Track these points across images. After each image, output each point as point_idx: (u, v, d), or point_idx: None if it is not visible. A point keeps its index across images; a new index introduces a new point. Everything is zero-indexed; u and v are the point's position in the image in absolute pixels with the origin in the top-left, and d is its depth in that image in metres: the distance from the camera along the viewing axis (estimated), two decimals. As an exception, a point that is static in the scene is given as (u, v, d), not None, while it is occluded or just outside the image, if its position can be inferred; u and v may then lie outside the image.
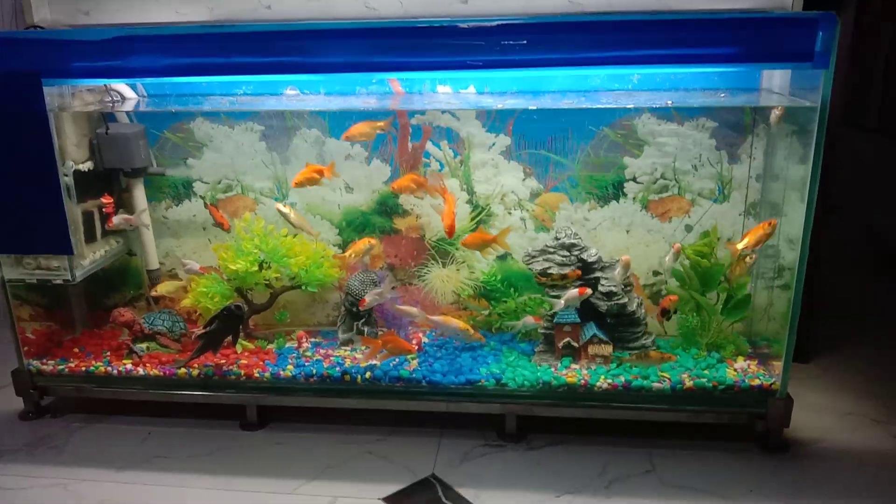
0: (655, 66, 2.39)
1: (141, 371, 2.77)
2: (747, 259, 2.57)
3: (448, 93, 2.76)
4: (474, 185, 2.91)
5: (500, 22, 2.21)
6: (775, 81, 2.65)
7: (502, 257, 2.97)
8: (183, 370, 2.74)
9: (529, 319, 2.72)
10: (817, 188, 2.30)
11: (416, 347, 2.82)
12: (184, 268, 2.92)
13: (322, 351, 2.87)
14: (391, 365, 2.71)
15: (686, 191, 2.83)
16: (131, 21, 2.91)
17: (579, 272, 2.65)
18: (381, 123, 2.69)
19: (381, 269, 2.98)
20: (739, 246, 2.52)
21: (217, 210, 2.95)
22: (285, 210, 2.73)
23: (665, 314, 2.65)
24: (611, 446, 2.57)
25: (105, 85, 2.79)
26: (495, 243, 2.72)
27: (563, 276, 2.62)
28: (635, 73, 2.64)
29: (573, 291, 2.59)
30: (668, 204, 2.85)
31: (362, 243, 2.77)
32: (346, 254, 2.77)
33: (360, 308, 2.76)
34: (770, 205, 2.75)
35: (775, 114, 2.53)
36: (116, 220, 2.84)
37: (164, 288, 2.96)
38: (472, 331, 2.74)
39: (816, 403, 2.86)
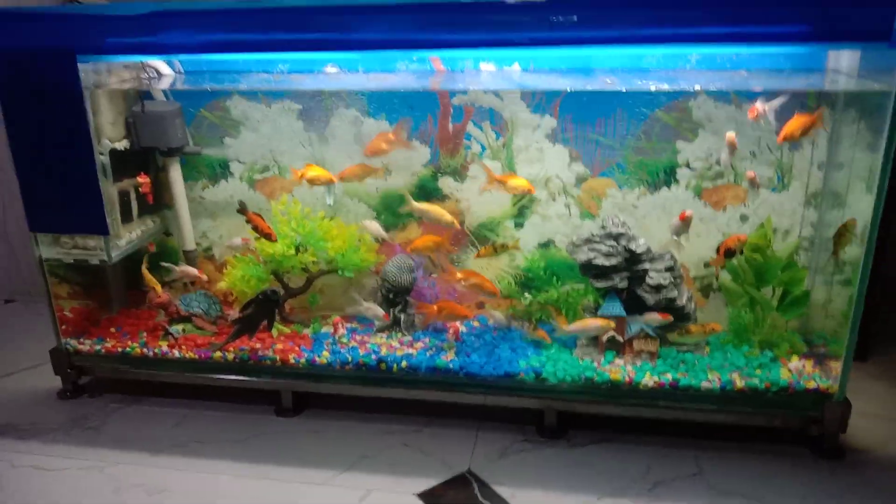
0: (714, 46, 2.25)
1: (177, 353, 2.75)
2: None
3: (492, 70, 2.64)
4: (517, 169, 2.79)
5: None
6: (843, 62, 2.46)
7: (545, 245, 2.86)
8: (218, 354, 2.71)
9: (655, 316, 2.53)
10: (888, 179, 2.14)
11: (469, 317, 2.77)
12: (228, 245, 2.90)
13: (358, 337, 2.81)
14: (427, 354, 2.64)
15: (742, 178, 2.67)
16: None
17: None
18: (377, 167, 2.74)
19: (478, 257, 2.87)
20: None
21: (261, 218, 2.74)
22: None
23: (730, 255, 2.46)
24: (656, 446, 2.46)
25: (141, 61, 2.73)
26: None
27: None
28: (693, 52, 2.47)
29: (675, 220, 2.47)
30: (722, 192, 2.70)
31: (520, 182, 2.59)
32: (497, 177, 2.61)
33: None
34: (833, 195, 2.58)
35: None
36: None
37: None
38: (612, 324, 2.56)
39: (875, 406, 2.70)
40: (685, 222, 2.48)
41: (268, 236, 2.71)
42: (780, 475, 2.32)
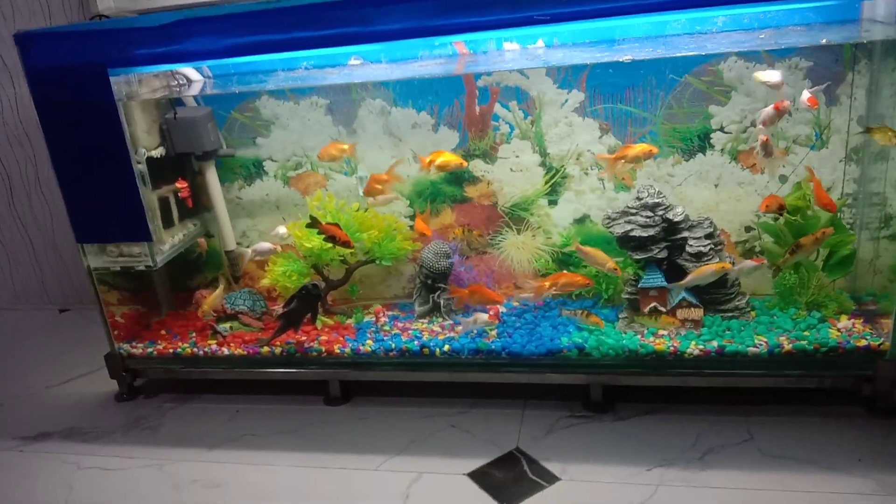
0: (739, 6, 2.19)
1: (226, 351, 2.82)
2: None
3: (515, 49, 2.62)
4: (547, 146, 2.77)
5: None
6: (878, 10, 2.39)
7: (580, 220, 2.84)
8: (266, 349, 2.77)
9: (749, 263, 2.50)
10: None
11: (500, 302, 2.76)
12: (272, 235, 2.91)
13: (400, 324, 2.85)
14: (469, 337, 2.65)
15: (780, 138, 2.61)
16: (191, 0, 2.90)
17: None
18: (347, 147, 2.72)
19: (452, 239, 2.90)
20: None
21: (337, 227, 2.66)
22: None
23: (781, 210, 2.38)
24: (704, 415, 2.44)
25: (170, 69, 2.79)
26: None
27: None
28: (719, 14, 2.42)
29: (768, 109, 2.30)
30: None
31: (640, 148, 2.48)
32: (615, 155, 2.51)
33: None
34: (874, 149, 2.51)
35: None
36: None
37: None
38: (728, 265, 2.48)
39: (932, 361, 2.63)
40: (779, 113, 2.31)
41: (346, 244, 2.68)
42: (833, 437, 2.28)
